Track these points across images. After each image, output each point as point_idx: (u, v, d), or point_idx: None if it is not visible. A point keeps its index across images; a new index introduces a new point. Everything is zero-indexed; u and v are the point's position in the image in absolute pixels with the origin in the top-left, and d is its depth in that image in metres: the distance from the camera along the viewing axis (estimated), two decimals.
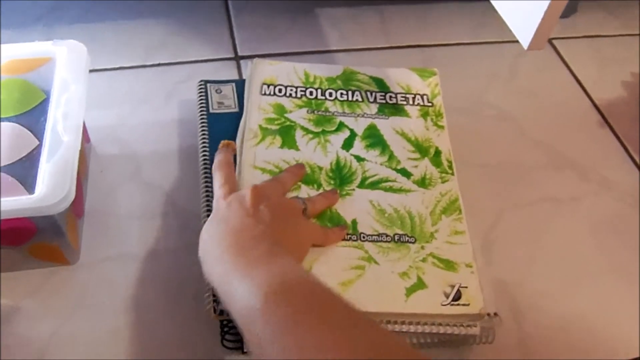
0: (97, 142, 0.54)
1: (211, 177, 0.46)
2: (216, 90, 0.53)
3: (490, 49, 0.68)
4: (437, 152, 0.50)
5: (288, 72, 0.53)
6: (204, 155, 0.48)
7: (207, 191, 0.46)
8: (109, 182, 0.52)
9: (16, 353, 0.41)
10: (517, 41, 0.41)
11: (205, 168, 0.47)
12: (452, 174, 0.49)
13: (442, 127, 0.52)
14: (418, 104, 0.53)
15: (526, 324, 0.47)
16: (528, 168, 0.58)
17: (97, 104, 0.56)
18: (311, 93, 0.51)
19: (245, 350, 0.40)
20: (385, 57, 0.65)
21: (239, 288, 0.34)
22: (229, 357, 0.42)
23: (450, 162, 0.50)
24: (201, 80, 0.54)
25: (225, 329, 0.42)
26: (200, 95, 0.52)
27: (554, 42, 0.71)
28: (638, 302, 0.49)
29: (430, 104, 0.53)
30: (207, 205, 0.45)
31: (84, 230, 0.48)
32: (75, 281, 0.45)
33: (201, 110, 0.51)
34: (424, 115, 0.52)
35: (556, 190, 0.56)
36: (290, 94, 0.51)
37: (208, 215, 0.44)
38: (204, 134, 0.49)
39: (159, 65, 0.61)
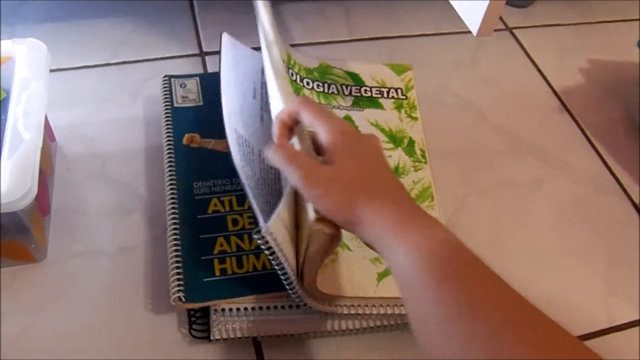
0: (63, 141, 0.54)
1: (175, 171, 0.47)
2: (180, 85, 0.53)
3: (452, 40, 0.70)
4: (411, 142, 0.51)
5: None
6: (169, 149, 0.49)
7: (171, 185, 0.46)
8: (75, 180, 0.52)
9: None
10: None
11: (170, 162, 0.48)
12: (425, 162, 0.51)
13: (415, 118, 0.53)
14: (392, 97, 0.54)
15: None
16: (490, 154, 0.59)
17: (62, 103, 0.56)
18: (292, 75, 0.52)
19: (212, 339, 0.41)
20: (350, 50, 0.66)
21: (397, 249, 0.31)
22: (198, 345, 0.43)
23: (423, 151, 0.51)
24: (165, 76, 0.54)
25: (193, 319, 0.43)
26: (165, 90, 0.53)
27: (514, 31, 0.73)
28: (599, 280, 0.51)
29: (404, 97, 0.54)
30: (172, 200, 0.45)
31: (51, 228, 0.48)
32: (43, 278, 0.46)
33: (165, 105, 0.52)
34: (398, 107, 0.53)
35: (518, 175, 0.58)
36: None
37: (173, 209, 0.45)
38: (168, 128, 0.50)
39: (124, 63, 0.61)
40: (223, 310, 0.41)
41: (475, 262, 0.32)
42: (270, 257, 0.36)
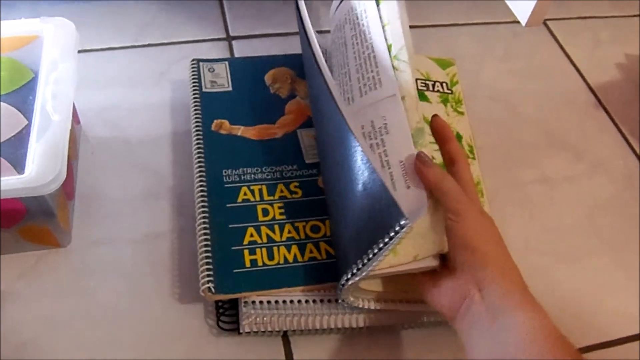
0: (87, 124, 0.53)
1: (204, 157, 0.46)
2: (209, 69, 0.52)
3: (484, 30, 0.68)
4: (458, 137, 0.50)
5: None
6: (197, 135, 0.47)
7: (200, 172, 0.45)
8: (100, 165, 0.51)
9: (8, 337, 0.41)
10: (511, 22, 0.41)
11: (198, 148, 0.46)
12: (474, 158, 0.49)
13: (462, 113, 0.52)
14: (438, 91, 0.52)
15: None
16: (523, 149, 0.58)
17: (86, 85, 0.55)
18: None
19: (241, 332, 0.40)
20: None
21: (521, 312, 0.33)
22: (225, 338, 0.42)
23: (471, 146, 0.50)
24: (194, 59, 0.53)
25: (221, 310, 0.42)
26: (193, 75, 0.51)
27: (548, 23, 0.70)
28: (633, 281, 0.49)
29: (449, 92, 0.53)
30: (201, 187, 0.44)
31: (75, 213, 0.47)
32: (67, 264, 0.45)
33: (194, 90, 0.50)
34: (444, 101, 0.52)
35: (550, 171, 0.56)
36: None
37: (202, 197, 0.44)
38: (197, 114, 0.48)
39: (150, 45, 0.60)
40: (253, 302, 0.40)
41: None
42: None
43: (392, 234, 0.33)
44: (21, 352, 0.40)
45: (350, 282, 0.37)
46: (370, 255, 0.35)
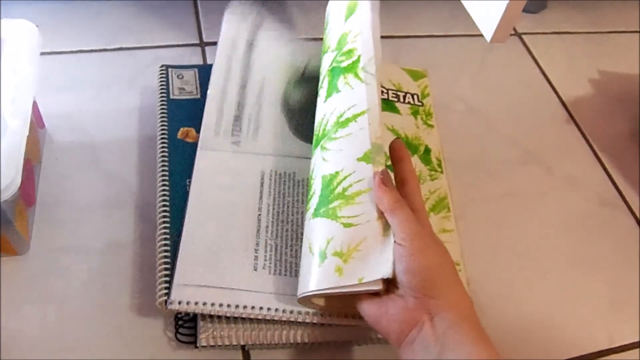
0: (53, 129, 0.52)
1: (168, 166, 0.45)
2: (178, 76, 0.51)
3: (459, 42, 0.68)
4: (427, 150, 0.50)
5: None
6: (162, 142, 0.46)
7: (163, 181, 0.44)
8: (64, 170, 0.50)
9: None
10: None
11: (163, 156, 0.46)
12: (442, 172, 0.49)
13: (432, 126, 0.52)
14: (408, 102, 0.52)
15: (488, 318, 0.46)
16: (494, 163, 0.58)
17: (54, 89, 0.54)
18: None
19: (198, 345, 0.39)
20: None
21: (460, 350, 0.32)
22: (184, 351, 0.41)
23: (439, 160, 0.50)
24: (162, 65, 0.52)
25: (180, 322, 0.41)
26: (161, 81, 0.51)
27: (524, 37, 0.71)
28: (602, 296, 0.49)
29: (420, 104, 0.52)
30: (163, 196, 0.43)
31: (36, 220, 0.46)
32: (25, 272, 0.44)
33: (161, 96, 0.49)
34: (414, 113, 0.52)
35: (522, 186, 0.57)
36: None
37: (164, 207, 0.43)
38: (163, 121, 0.48)
39: (121, 49, 0.59)
40: (211, 316, 0.39)
41: None
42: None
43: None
44: None
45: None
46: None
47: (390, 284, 0.35)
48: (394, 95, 0.52)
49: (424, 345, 0.33)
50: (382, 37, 0.66)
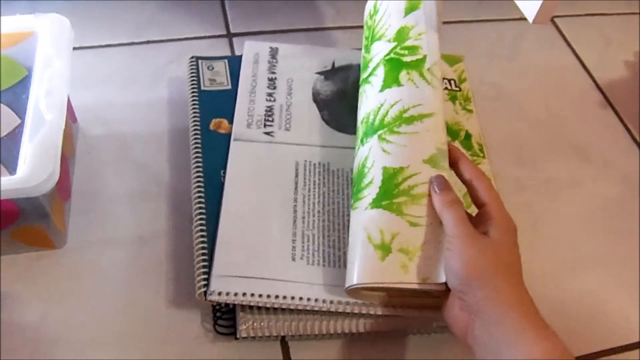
0: (85, 123, 0.52)
1: (202, 157, 0.45)
2: (208, 67, 0.51)
3: (491, 27, 0.66)
4: (467, 136, 0.49)
5: None
6: (195, 134, 0.46)
7: (197, 172, 0.44)
8: (97, 164, 0.50)
9: (5, 339, 0.40)
10: (519, 19, 0.40)
11: (196, 147, 0.45)
12: (484, 157, 0.48)
13: (470, 111, 0.51)
14: (446, 88, 0.51)
15: None
16: (529, 149, 0.56)
17: (84, 83, 0.54)
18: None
19: (238, 337, 0.39)
20: None
21: (526, 346, 0.32)
22: (222, 342, 0.41)
23: (481, 145, 0.49)
24: (192, 57, 0.51)
25: (218, 314, 0.41)
26: (192, 72, 0.50)
27: (556, 20, 0.69)
28: (637, 287, 0.48)
29: (457, 89, 0.51)
30: (198, 187, 0.43)
31: (72, 213, 0.46)
32: (63, 265, 0.44)
33: (192, 88, 0.49)
34: (452, 99, 0.51)
35: (558, 172, 0.55)
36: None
37: (200, 198, 0.43)
38: (195, 112, 0.47)
39: (148, 42, 0.59)
40: (251, 307, 0.39)
41: None
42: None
43: None
44: (17, 353, 0.40)
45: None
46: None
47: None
48: None
49: (480, 342, 0.33)
50: None
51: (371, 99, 0.42)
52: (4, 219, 0.40)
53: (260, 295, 0.38)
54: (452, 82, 0.52)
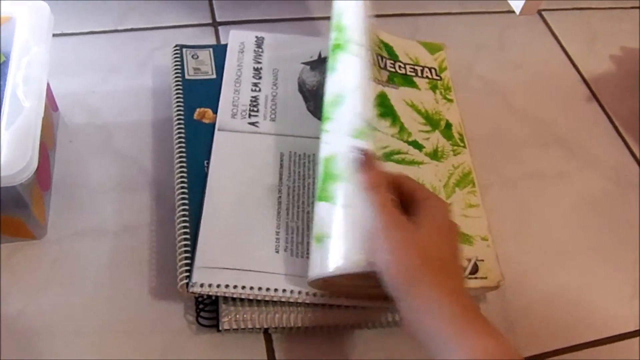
0: (66, 111, 0.51)
1: (185, 147, 0.44)
2: (192, 56, 0.50)
3: (478, 20, 0.66)
4: (448, 125, 0.48)
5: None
6: (179, 123, 0.45)
7: (181, 162, 0.43)
8: (78, 153, 0.49)
9: None
10: (506, 12, 0.39)
11: (179, 137, 0.45)
12: (464, 146, 0.48)
13: (451, 100, 0.51)
14: (427, 77, 0.51)
15: (509, 300, 0.46)
16: (515, 142, 0.57)
17: (66, 71, 0.53)
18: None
19: (220, 329, 0.39)
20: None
21: (458, 348, 0.29)
22: (205, 335, 0.40)
23: (461, 135, 0.49)
24: (176, 45, 0.51)
25: (201, 306, 0.40)
26: (176, 61, 0.49)
27: (543, 13, 0.69)
28: (624, 278, 0.48)
29: (438, 78, 0.51)
30: (181, 177, 0.43)
31: (52, 204, 0.45)
32: (43, 257, 0.43)
33: (176, 77, 0.48)
34: (433, 88, 0.50)
35: (543, 166, 0.55)
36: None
37: (182, 189, 0.42)
38: (179, 102, 0.47)
39: (132, 30, 0.58)
40: (234, 299, 0.39)
41: None
42: None
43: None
44: None
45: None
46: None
47: None
48: (412, 70, 0.51)
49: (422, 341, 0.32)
50: (400, 15, 0.65)
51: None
52: None
53: (243, 287, 0.38)
54: (433, 70, 0.52)
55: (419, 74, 0.50)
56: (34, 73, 0.39)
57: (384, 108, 0.47)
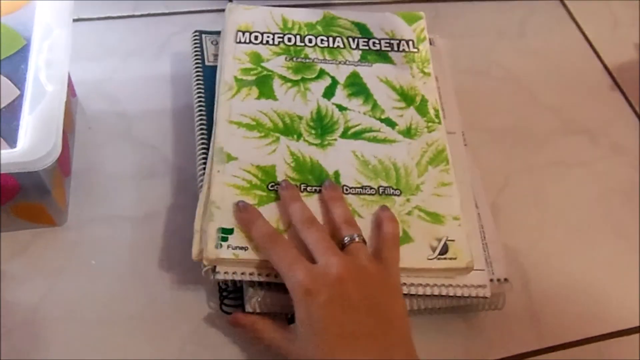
0: (84, 97, 0.50)
1: (207, 134, 0.44)
2: (212, 42, 0.49)
3: (498, 6, 0.65)
4: (424, 101, 0.47)
5: (264, 17, 0.49)
6: (200, 110, 0.45)
7: (203, 149, 0.43)
8: (97, 140, 0.48)
9: (5, 317, 0.39)
10: None
11: (201, 124, 0.44)
12: (439, 122, 0.46)
13: (428, 74, 0.49)
14: (403, 50, 0.49)
15: (533, 289, 0.45)
16: (536, 131, 0.56)
17: (83, 57, 0.52)
18: (289, 39, 0.48)
19: (245, 312, 0.38)
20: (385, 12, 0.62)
21: None
22: (227, 322, 0.40)
23: (437, 110, 0.47)
24: (196, 31, 0.50)
25: (224, 294, 0.40)
26: (195, 47, 0.49)
27: (565, 1, 0.67)
28: None
29: (415, 50, 0.50)
30: (203, 164, 0.42)
31: (72, 190, 0.45)
32: (63, 242, 0.43)
33: (196, 63, 0.48)
34: (410, 61, 0.49)
35: (565, 155, 0.54)
36: (267, 41, 0.47)
37: (203, 175, 0.42)
38: (199, 88, 0.46)
39: (150, 15, 0.57)
40: (260, 283, 0.38)
41: None
42: None
43: None
44: (16, 331, 0.39)
45: None
46: None
47: None
48: (387, 45, 0.49)
49: None
50: (420, 1, 0.64)
51: None
52: (4, 194, 0.39)
53: (267, 275, 0.37)
54: (410, 42, 0.50)
55: (395, 48, 0.49)
56: (56, 56, 0.39)
57: (356, 87, 0.46)
